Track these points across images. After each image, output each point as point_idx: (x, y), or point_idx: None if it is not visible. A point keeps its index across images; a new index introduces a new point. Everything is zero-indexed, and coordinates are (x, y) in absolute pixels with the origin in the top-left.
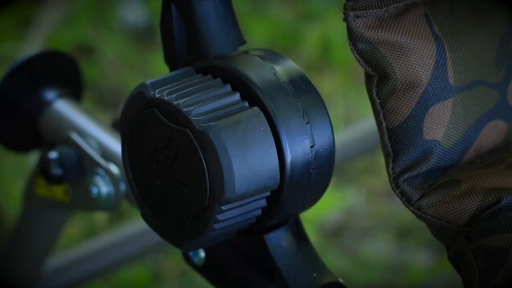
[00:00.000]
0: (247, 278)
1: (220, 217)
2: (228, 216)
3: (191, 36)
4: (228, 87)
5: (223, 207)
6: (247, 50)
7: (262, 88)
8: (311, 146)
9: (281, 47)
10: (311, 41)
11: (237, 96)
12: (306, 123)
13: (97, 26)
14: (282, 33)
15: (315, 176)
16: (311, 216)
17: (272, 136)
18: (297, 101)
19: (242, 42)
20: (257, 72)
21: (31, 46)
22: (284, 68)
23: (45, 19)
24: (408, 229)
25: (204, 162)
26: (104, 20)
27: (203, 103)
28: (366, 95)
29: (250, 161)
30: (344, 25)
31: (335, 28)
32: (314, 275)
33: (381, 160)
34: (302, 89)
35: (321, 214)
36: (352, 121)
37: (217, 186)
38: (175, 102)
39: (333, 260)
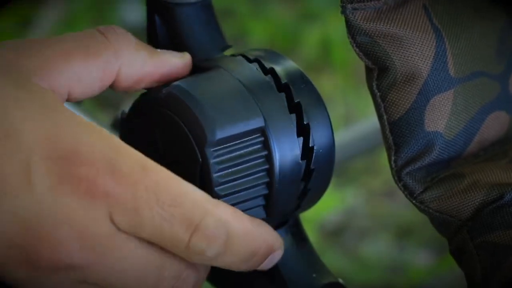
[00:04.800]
0: (246, 278)
1: (215, 162)
2: (224, 160)
3: (175, 44)
4: None
5: (212, 149)
6: (246, 50)
7: (245, 84)
8: (311, 146)
9: (281, 47)
10: (311, 41)
11: None
12: (306, 124)
13: (97, 26)
14: (282, 33)
15: (315, 176)
16: (311, 216)
17: (243, 85)
18: (280, 93)
19: (226, 46)
20: (239, 69)
21: None
22: (284, 68)
23: (45, 19)
24: (408, 229)
25: (183, 125)
26: (104, 20)
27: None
28: (366, 95)
29: (224, 104)
30: (344, 25)
31: (335, 28)
32: (314, 275)
33: (381, 160)
34: (302, 89)
35: (321, 214)
36: (352, 121)
37: (199, 136)
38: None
39: (333, 260)
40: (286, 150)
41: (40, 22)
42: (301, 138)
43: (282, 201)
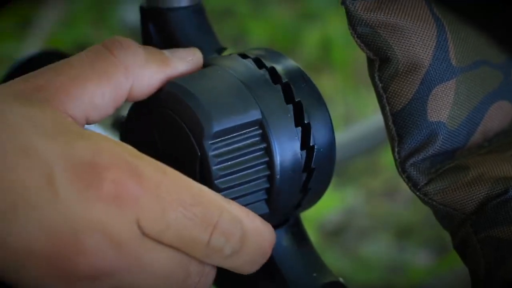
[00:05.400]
0: (246, 278)
1: (214, 154)
2: (223, 153)
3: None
4: None
5: (210, 142)
6: (247, 50)
7: (240, 78)
8: (312, 145)
9: (281, 47)
10: (311, 41)
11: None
12: (307, 123)
13: (97, 26)
14: (282, 33)
15: (315, 175)
16: (311, 215)
17: (238, 79)
18: (276, 85)
19: (221, 48)
20: (234, 65)
21: (31, 46)
22: (284, 67)
23: (45, 19)
24: (408, 229)
25: (180, 121)
26: (104, 20)
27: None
28: (366, 95)
29: (219, 98)
30: (344, 25)
31: (335, 28)
32: (314, 274)
33: (381, 160)
34: (303, 88)
35: (321, 214)
36: (352, 121)
37: (196, 129)
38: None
39: (333, 260)
40: (285, 142)
41: (40, 22)
42: (300, 128)
43: (284, 195)
